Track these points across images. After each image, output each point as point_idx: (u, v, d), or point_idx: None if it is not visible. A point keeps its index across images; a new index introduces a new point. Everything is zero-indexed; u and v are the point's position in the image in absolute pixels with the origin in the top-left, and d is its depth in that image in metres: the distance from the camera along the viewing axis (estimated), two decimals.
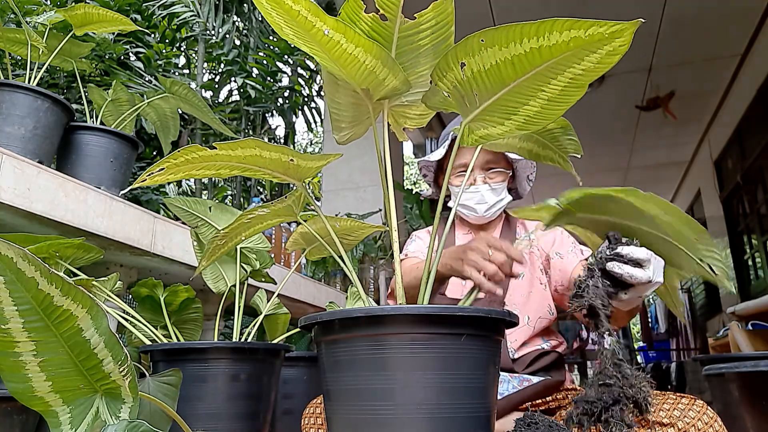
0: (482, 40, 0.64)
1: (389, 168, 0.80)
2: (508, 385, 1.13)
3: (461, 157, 1.30)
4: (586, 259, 1.16)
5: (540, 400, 1.16)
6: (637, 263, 0.76)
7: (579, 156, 0.94)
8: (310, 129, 4.47)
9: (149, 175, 0.73)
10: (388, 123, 0.85)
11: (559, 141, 0.97)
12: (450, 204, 1.34)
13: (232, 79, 3.90)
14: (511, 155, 1.20)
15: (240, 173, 0.81)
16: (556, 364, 1.22)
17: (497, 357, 0.72)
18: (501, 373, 1.16)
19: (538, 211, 0.81)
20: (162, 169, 0.73)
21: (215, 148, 0.72)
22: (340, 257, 0.86)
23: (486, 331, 0.68)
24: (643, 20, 0.58)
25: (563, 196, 0.77)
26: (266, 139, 4.27)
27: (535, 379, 1.15)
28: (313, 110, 4.33)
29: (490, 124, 0.77)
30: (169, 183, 3.84)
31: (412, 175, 10.19)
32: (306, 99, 4.29)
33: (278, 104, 4.19)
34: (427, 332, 0.65)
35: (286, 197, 0.91)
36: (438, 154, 1.32)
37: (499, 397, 1.09)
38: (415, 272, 1.19)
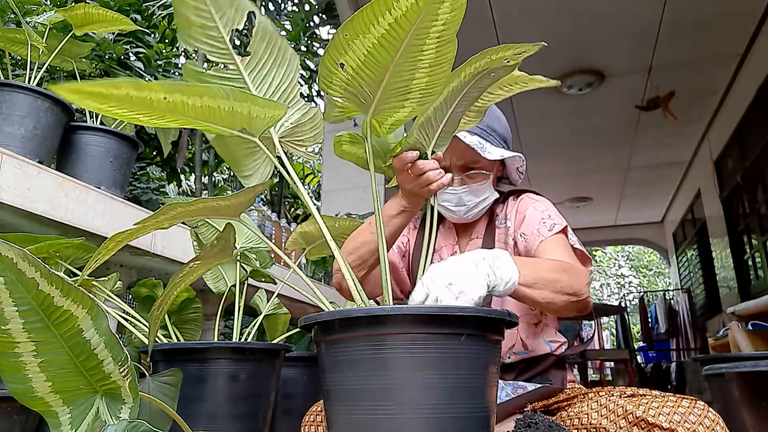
0: (346, 35, 0.65)
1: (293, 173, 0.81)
2: (501, 392, 1.10)
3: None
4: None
5: (539, 402, 1.15)
6: None
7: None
8: None
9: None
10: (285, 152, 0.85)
11: None
12: (431, 202, 1.32)
13: None
14: (489, 156, 1.14)
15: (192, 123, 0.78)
16: (555, 367, 1.19)
17: (497, 357, 0.72)
18: None
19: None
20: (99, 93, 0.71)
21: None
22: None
23: (486, 331, 0.68)
24: None
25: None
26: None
27: (530, 386, 1.12)
28: None
29: (394, 110, 0.78)
30: (169, 183, 3.83)
31: None
32: (306, 99, 4.29)
33: None
34: (427, 332, 0.65)
35: (215, 241, 0.86)
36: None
37: None
38: (364, 236, 1.15)
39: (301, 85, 4.22)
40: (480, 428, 0.66)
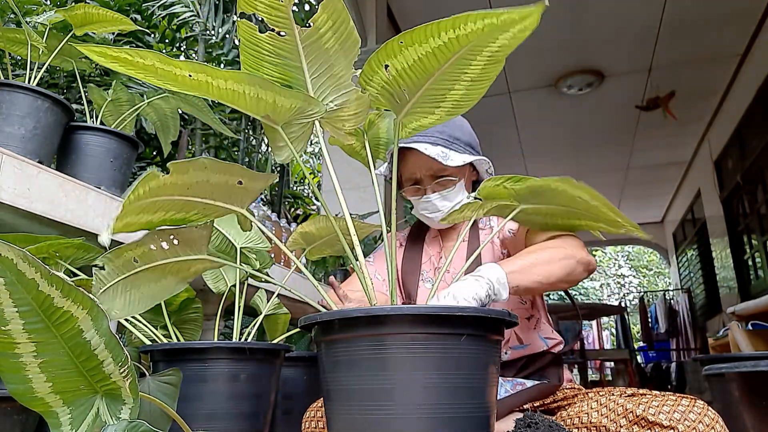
0: (401, 42, 0.66)
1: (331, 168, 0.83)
2: (500, 389, 1.11)
3: (405, 170, 1.28)
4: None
5: (539, 401, 1.15)
6: None
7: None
8: None
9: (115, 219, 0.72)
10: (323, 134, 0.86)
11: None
12: (413, 212, 1.35)
13: None
14: (452, 163, 1.17)
15: (186, 214, 0.79)
16: (553, 365, 1.20)
17: (497, 357, 0.73)
18: None
19: (461, 212, 0.91)
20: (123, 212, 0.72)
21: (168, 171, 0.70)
22: (352, 250, 0.84)
23: (486, 332, 0.68)
24: (548, 4, 0.61)
25: (482, 190, 0.87)
26: (267, 139, 4.29)
27: (528, 383, 1.13)
28: None
29: (421, 116, 0.80)
30: None
31: None
32: None
33: None
34: (427, 332, 0.65)
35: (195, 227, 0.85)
36: (382, 170, 1.30)
37: None
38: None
39: None
40: (480, 428, 0.66)
